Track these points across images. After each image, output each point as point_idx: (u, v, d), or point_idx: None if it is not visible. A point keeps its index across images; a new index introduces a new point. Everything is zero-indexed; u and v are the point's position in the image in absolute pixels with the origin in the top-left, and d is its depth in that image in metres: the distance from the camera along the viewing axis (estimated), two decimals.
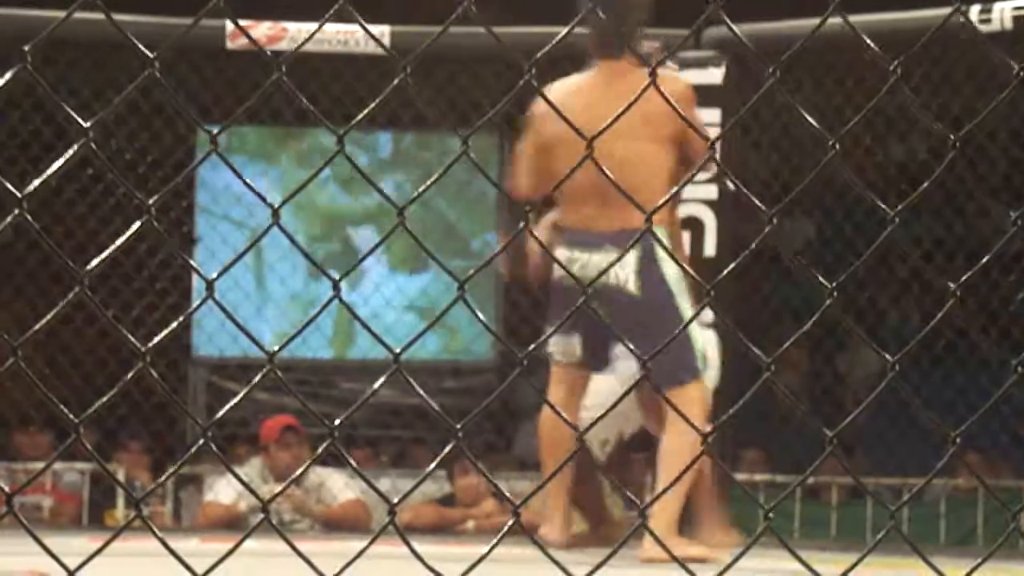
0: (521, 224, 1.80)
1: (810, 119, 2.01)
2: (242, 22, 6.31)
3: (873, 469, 8.14)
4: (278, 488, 6.91)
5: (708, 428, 4.29)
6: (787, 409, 8.60)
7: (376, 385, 1.77)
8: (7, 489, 1.65)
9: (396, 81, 1.63)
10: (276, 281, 8.94)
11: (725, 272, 1.95)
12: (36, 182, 1.51)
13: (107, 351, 7.98)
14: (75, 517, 7.78)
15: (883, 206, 1.95)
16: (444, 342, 8.95)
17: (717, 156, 1.89)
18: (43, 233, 1.54)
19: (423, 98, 1.74)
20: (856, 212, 8.08)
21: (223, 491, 7.20)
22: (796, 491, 7.14)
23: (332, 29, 6.75)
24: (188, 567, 1.57)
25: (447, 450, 1.66)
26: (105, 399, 1.51)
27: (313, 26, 6.65)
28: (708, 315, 5.44)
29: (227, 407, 1.73)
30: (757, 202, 1.83)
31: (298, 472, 1.89)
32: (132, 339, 1.57)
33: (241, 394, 1.72)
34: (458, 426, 1.64)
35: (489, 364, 9.15)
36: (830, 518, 7.75)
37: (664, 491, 4.30)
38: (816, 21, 2.04)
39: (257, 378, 1.70)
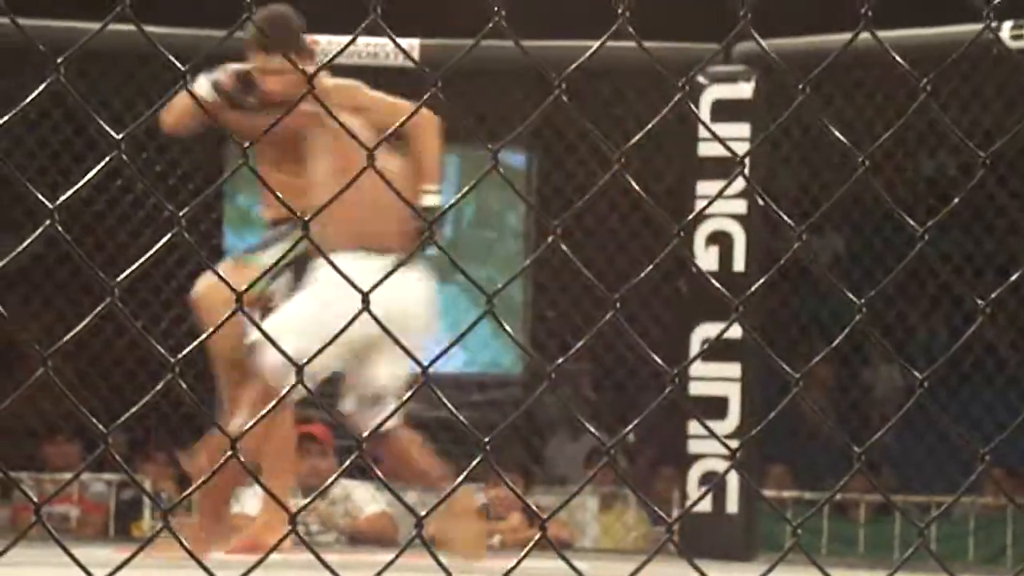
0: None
1: (839, 135, 2.01)
2: None
3: (900, 486, 8.11)
4: (303, 500, 6.93)
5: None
6: (813, 425, 8.57)
7: (405, 398, 1.77)
8: (35, 499, 1.66)
9: (427, 96, 1.64)
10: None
11: (752, 289, 1.94)
12: (68, 193, 1.52)
13: (136, 363, 8.00)
14: (102, 528, 7.80)
15: (912, 223, 1.95)
16: (470, 355, 8.95)
17: (746, 171, 1.89)
18: (74, 244, 1.55)
19: (453, 112, 1.74)
20: (885, 228, 8.06)
21: (249, 503, 7.21)
22: (824, 508, 7.12)
23: (362, 42, 6.76)
24: None
25: (475, 463, 1.66)
26: (134, 410, 1.52)
27: (343, 39, 6.66)
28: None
29: (256, 419, 1.73)
30: (785, 217, 1.83)
31: (327, 483, 1.89)
32: (161, 350, 1.58)
33: (271, 406, 1.72)
34: (486, 439, 1.64)
35: (515, 377, 9.14)
36: (858, 535, 7.73)
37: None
38: (845, 36, 2.04)
39: (287, 390, 1.70)
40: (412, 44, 6.64)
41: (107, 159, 1.48)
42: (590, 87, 5.04)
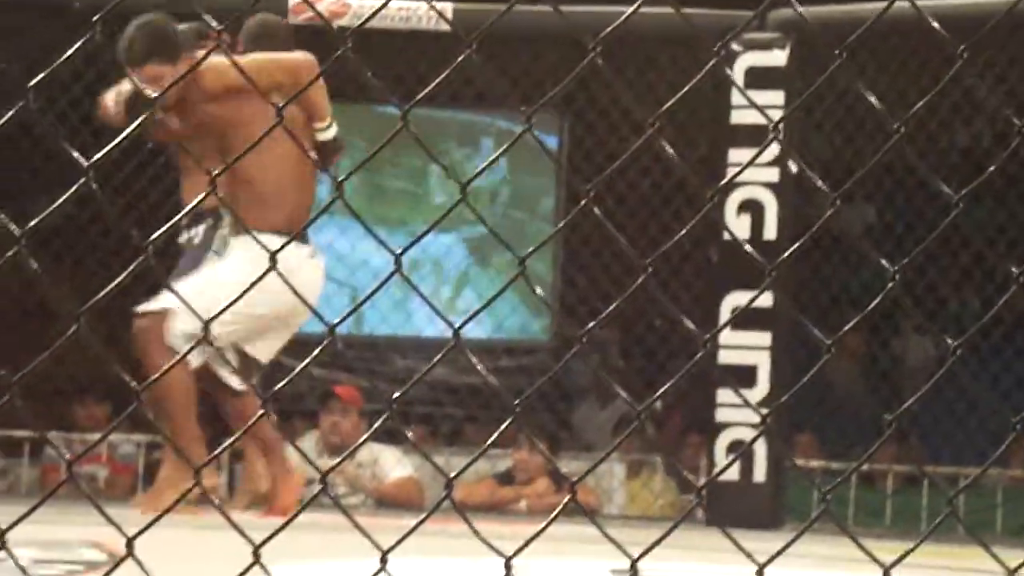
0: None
1: (875, 101, 2.00)
2: None
3: (929, 457, 8.10)
4: (332, 463, 6.97)
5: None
6: (842, 395, 8.56)
7: (435, 360, 1.77)
8: (67, 457, 1.66)
9: (461, 58, 1.63)
10: (333, 258, 8.97)
11: (786, 255, 1.94)
12: (102, 152, 1.52)
13: None
14: (130, 489, 7.84)
15: (947, 189, 1.94)
16: (498, 320, 8.95)
17: (780, 138, 1.88)
18: (108, 202, 1.55)
19: (487, 76, 1.73)
20: (917, 198, 8.03)
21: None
22: (852, 477, 7.11)
23: (394, 5, 6.75)
24: (247, 537, 1.58)
25: (505, 424, 1.66)
26: (165, 370, 1.52)
27: (375, 2, 6.65)
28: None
29: (286, 380, 1.74)
30: (821, 184, 1.82)
31: (356, 444, 1.89)
32: (194, 311, 1.58)
33: (301, 365, 1.72)
34: (516, 401, 1.64)
35: (543, 344, 9.15)
36: (885, 506, 7.72)
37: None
38: (882, 4, 2.03)
39: (318, 350, 1.70)
40: (445, 7, 6.62)
41: (142, 117, 1.48)
42: (623, 53, 5.03)
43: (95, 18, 1.58)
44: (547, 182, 8.89)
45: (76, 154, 1.51)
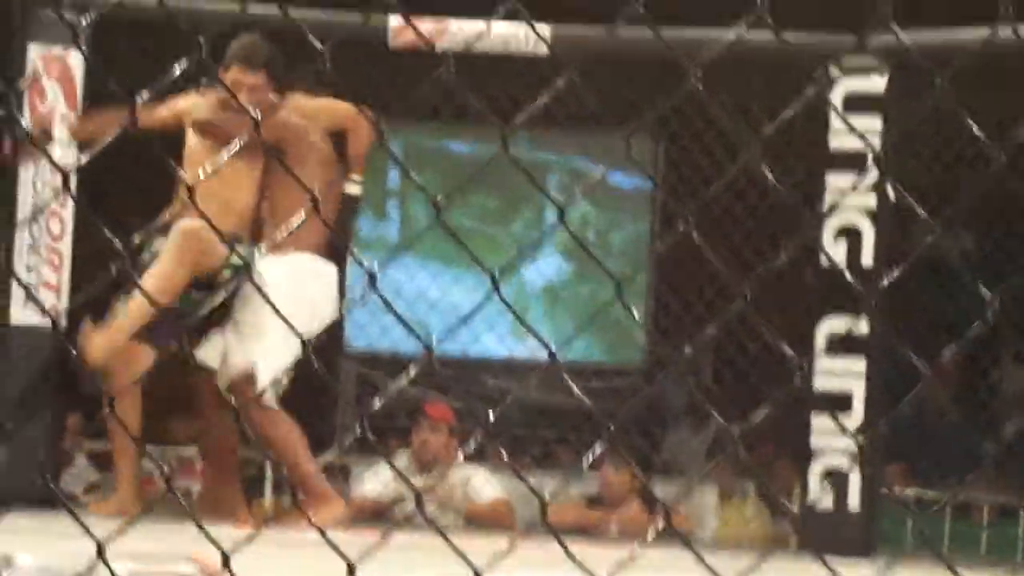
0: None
1: (976, 129, 1.98)
2: (404, 21, 6.31)
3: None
4: (422, 480, 6.98)
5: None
6: (936, 423, 8.48)
7: (532, 380, 1.78)
8: (166, 470, 1.68)
9: (563, 80, 1.64)
10: (428, 277, 9.00)
11: (886, 281, 1.92)
12: (214, 163, 1.54)
13: None
14: None
15: None
16: (590, 343, 8.95)
17: (882, 166, 1.87)
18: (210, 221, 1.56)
19: (587, 98, 1.74)
20: (1018, 224, 7.95)
21: (370, 483, 7.27)
22: (946, 507, 7.05)
23: (492, 29, 6.76)
24: (343, 555, 1.59)
25: (599, 447, 1.66)
26: (267, 384, 1.53)
27: (473, 24, 6.67)
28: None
29: (384, 398, 1.75)
30: (921, 211, 1.81)
31: (449, 466, 1.90)
32: (292, 327, 1.59)
33: (399, 384, 1.73)
34: (610, 424, 1.64)
35: (636, 366, 9.13)
36: (980, 537, 7.63)
37: None
38: (984, 30, 2.02)
39: (414, 370, 1.71)
40: (543, 30, 6.63)
41: (245, 134, 1.49)
42: (720, 75, 5.03)
43: (200, 36, 1.60)
44: (633, 213, 8.89)
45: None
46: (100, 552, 1.57)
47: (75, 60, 6.19)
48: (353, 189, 5.63)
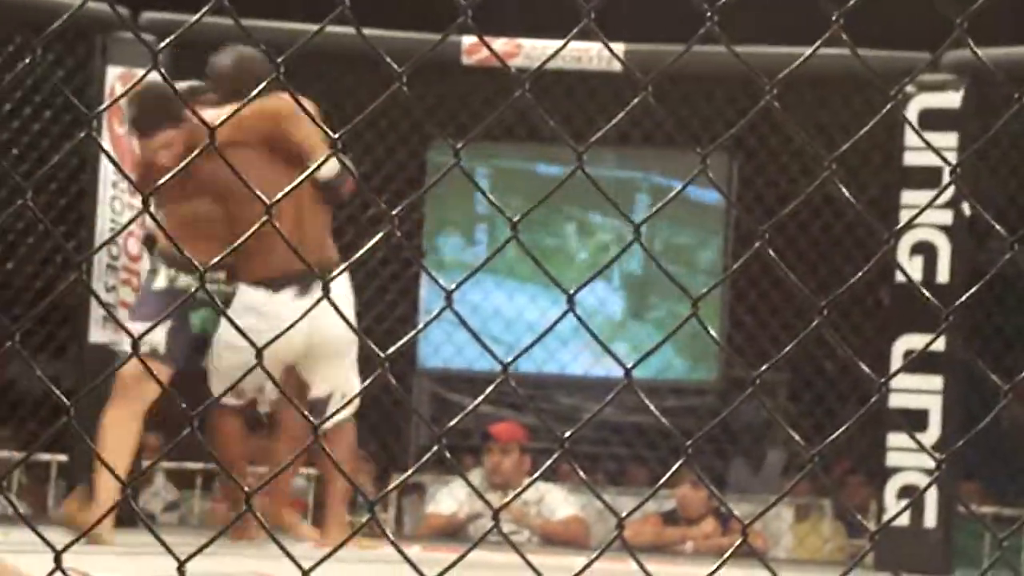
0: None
1: None
2: (476, 39, 6.35)
3: None
4: (496, 499, 6.98)
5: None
6: (1011, 441, 8.41)
7: (608, 398, 1.78)
8: (246, 489, 1.70)
9: (638, 99, 1.65)
10: (504, 296, 9.02)
11: (963, 298, 1.92)
12: (287, 190, 1.56)
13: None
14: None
15: None
16: (664, 361, 8.94)
17: (958, 182, 1.87)
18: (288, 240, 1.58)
19: (661, 116, 1.75)
20: None
21: (444, 501, 7.29)
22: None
23: (567, 46, 6.78)
24: (421, 572, 1.60)
25: (677, 465, 1.67)
26: (345, 403, 1.54)
27: (545, 43, 6.69)
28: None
29: (460, 416, 1.76)
30: (999, 227, 1.80)
31: (526, 484, 1.91)
32: (373, 346, 1.61)
33: (476, 402, 1.74)
34: (688, 442, 1.64)
35: (711, 385, 9.11)
36: None
37: None
38: None
39: (490, 388, 1.72)
40: (617, 48, 6.64)
41: (326, 156, 1.51)
42: (795, 93, 5.02)
43: (279, 59, 1.62)
44: (705, 233, 8.87)
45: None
46: (180, 570, 1.59)
47: None
48: (324, 172, 5.40)
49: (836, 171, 1.88)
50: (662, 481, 1.79)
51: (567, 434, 1.73)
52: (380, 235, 1.58)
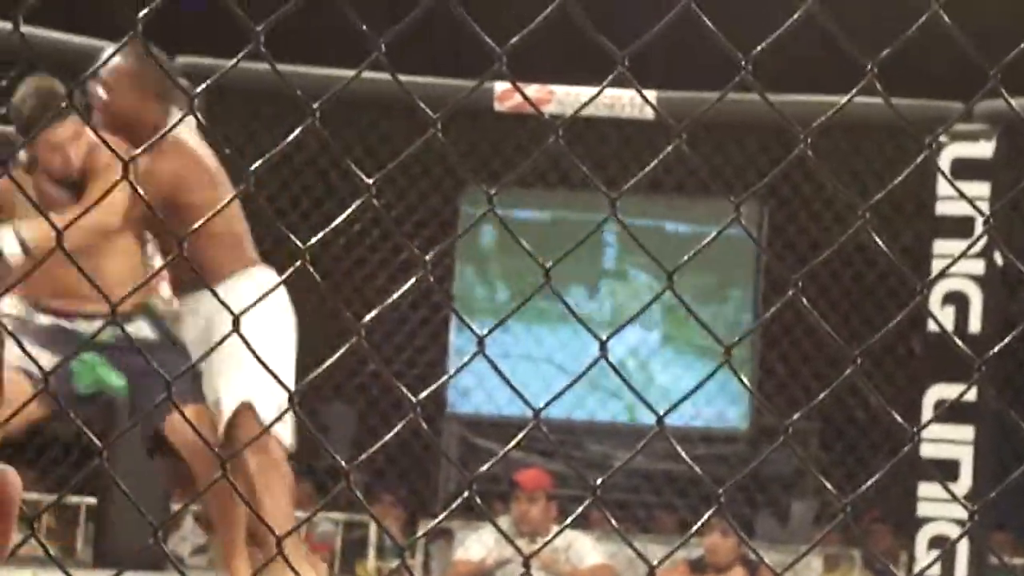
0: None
1: None
2: (509, 85, 6.37)
3: None
4: (524, 546, 6.96)
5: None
6: None
7: (640, 446, 1.78)
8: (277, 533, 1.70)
9: (672, 146, 1.65)
10: (532, 341, 9.02)
11: (996, 348, 1.91)
12: (319, 234, 1.56)
13: (366, 404, 8.12)
14: (327, 566, 7.93)
15: None
16: (695, 409, 8.92)
17: (992, 231, 1.86)
18: (324, 286, 1.59)
19: (693, 164, 1.75)
20: None
21: (473, 547, 7.27)
22: None
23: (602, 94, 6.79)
24: None
25: (709, 514, 1.66)
26: (377, 446, 1.55)
27: (578, 89, 6.71)
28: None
29: (491, 462, 1.76)
30: None
31: (556, 531, 1.91)
32: (404, 390, 1.61)
33: (507, 448, 1.74)
34: (720, 491, 1.64)
35: (741, 433, 9.09)
36: None
37: None
38: None
39: (522, 434, 1.72)
40: (649, 95, 6.65)
41: (359, 201, 1.52)
42: (828, 141, 5.02)
43: (315, 104, 1.63)
44: (733, 273, 8.86)
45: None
46: None
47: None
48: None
49: (869, 220, 1.87)
50: (695, 528, 1.79)
51: (599, 481, 1.73)
52: (413, 280, 1.59)
